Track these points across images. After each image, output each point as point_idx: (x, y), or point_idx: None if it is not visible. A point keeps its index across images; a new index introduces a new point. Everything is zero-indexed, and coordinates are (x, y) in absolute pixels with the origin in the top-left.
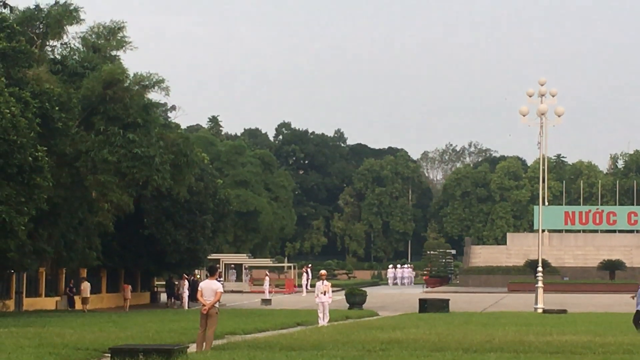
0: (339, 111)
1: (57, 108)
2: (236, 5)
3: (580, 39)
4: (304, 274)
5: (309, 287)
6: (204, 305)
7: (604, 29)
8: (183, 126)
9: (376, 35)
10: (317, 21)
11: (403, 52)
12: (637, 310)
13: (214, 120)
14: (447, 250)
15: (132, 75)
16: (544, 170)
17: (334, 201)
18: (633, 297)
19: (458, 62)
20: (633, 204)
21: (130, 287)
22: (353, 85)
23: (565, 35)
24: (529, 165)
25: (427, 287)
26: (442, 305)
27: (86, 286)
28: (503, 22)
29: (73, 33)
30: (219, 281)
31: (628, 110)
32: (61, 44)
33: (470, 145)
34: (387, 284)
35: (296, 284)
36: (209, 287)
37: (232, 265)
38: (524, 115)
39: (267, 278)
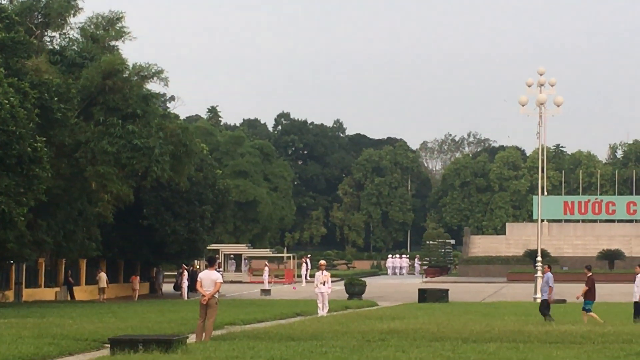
0: (338, 101)
1: (56, 99)
2: None
3: (579, 28)
4: (304, 264)
5: (308, 277)
6: (203, 295)
7: (603, 18)
8: (182, 116)
9: (374, 25)
10: (316, 11)
11: (401, 42)
12: (545, 299)
13: (213, 110)
14: (447, 240)
15: (131, 65)
16: (543, 160)
17: (333, 191)
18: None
19: (457, 52)
20: (632, 194)
21: (138, 278)
22: (352, 76)
23: (564, 25)
24: (528, 155)
25: (426, 277)
26: (441, 295)
27: (102, 277)
28: (502, 11)
29: (72, 23)
30: (219, 271)
31: (627, 100)
32: (60, 34)
33: (469, 135)
34: (386, 274)
35: (295, 275)
36: (209, 278)
37: (232, 256)
38: (523, 105)
39: (266, 268)
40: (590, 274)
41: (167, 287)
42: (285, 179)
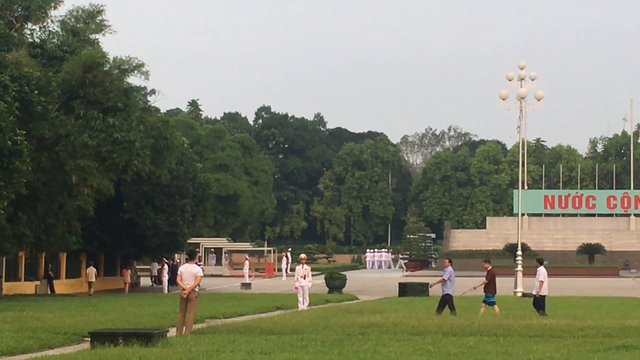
0: (319, 95)
1: (36, 92)
2: None
3: (559, 22)
4: (284, 258)
5: (288, 271)
6: (183, 289)
7: (583, 13)
8: (163, 110)
9: (355, 20)
10: (297, 6)
11: (382, 37)
12: (447, 294)
13: (193, 104)
14: (427, 234)
15: (112, 59)
16: (523, 154)
17: (314, 185)
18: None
19: (438, 46)
20: (612, 188)
21: (129, 271)
22: (333, 70)
23: (545, 19)
24: (508, 149)
25: (406, 271)
26: (421, 289)
27: (91, 271)
28: (483, 6)
29: (52, 16)
30: (199, 265)
31: (607, 94)
32: (40, 27)
33: (449, 130)
34: (366, 267)
35: (276, 268)
36: (189, 271)
37: (212, 249)
38: (503, 99)
39: (246, 262)
40: (490, 267)
41: (145, 281)
42: (265, 173)
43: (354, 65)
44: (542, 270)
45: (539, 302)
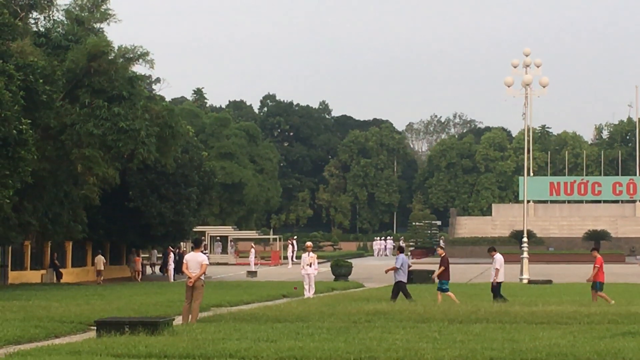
0: (323, 83)
1: (41, 81)
2: None
3: (564, 8)
4: (290, 246)
5: (294, 259)
6: (189, 277)
7: (588, 0)
8: (167, 98)
9: (360, 7)
10: None
11: (387, 24)
12: (399, 281)
13: (198, 92)
14: (433, 222)
15: (116, 48)
16: (529, 141)
17: (319, 173)
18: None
19: (442, 33)
20: (618, 174)
21: (141, 259)
22: (338, 57)
23: (550, 6)
24: (513, 136)
25: (412, 258)
26: (427, 277)
27: (100, 259)
28: None
29: (57, 5)
30: (205, 253)
31: (612, 80)
32: (45, 16)
33: (455, 117)
34: (372, 255)
35: (282, 256)
36: (195, 260)
37: (218, 238)
38: (508, 86)
39: (252, 250)
40: (444, 253)
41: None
42: (271, 161)
43: (359, 53)
44: (498, 257)
45: (496, 289)
